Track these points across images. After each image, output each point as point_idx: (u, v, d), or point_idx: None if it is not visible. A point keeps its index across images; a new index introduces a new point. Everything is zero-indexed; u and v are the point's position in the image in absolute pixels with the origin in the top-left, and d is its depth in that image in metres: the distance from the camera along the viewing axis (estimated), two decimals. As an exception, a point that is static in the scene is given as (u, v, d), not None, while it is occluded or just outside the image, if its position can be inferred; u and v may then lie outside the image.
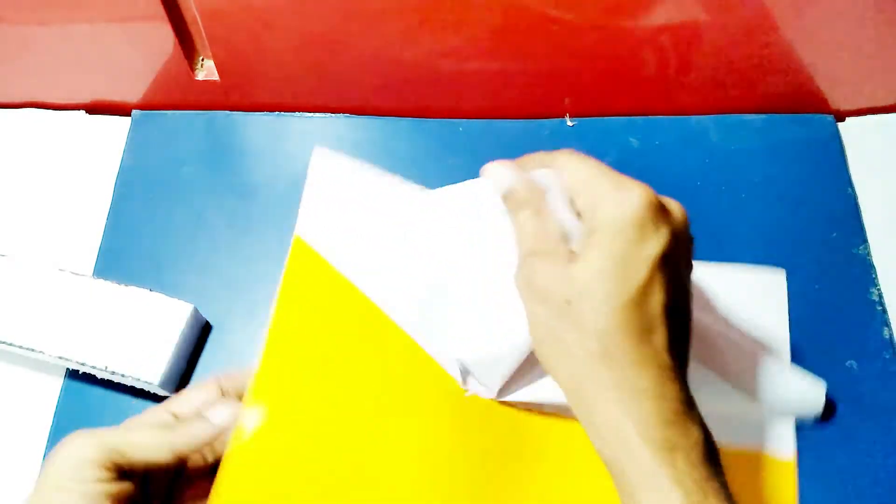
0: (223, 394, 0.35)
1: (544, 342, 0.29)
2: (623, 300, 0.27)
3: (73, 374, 0.42)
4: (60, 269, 0.42)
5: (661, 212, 0.28)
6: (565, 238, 0.29)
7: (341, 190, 0.38)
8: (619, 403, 0.26)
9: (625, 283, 0.27)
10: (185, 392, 0.35)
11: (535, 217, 0.30)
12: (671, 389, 0.27)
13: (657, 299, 0.27)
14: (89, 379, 0.41)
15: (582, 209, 0.29)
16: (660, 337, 0.27)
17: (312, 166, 0.38)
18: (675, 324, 0.28)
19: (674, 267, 0.28)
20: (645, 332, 0.27)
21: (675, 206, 0.29)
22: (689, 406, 0.27)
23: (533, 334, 0.29)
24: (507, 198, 0.31)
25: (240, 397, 0.34)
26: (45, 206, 0.49)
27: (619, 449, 0.27)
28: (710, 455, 0.27)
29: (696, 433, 0.27)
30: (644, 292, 0.27)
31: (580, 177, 0.30)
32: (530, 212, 0.30)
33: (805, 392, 0.37)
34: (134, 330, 0.40)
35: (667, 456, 0.26)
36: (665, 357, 0.27)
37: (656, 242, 0.27)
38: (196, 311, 0.42)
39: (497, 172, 0.31)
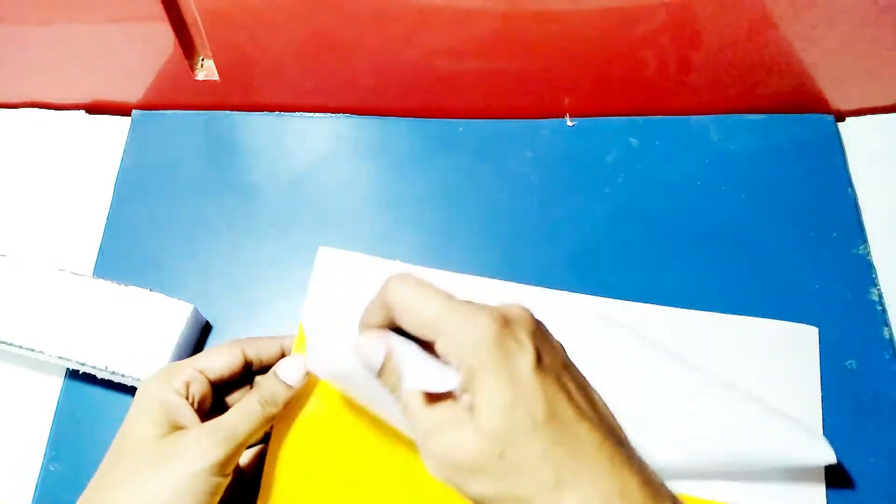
0: (246, 359, 0.36)
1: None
2: (540, 420, 0.26)
3: (73, 374, 0.42)
4: (60, 269, 0.42)
5: (508, 322, 0.27)
6: (452, 396, 0.27)
7: (343, 292, 0.39)
8: None
9: (530, 404, 0.26)
10: (209, 353, 0.35)
11: (416, 392, 0.27)
12: (635, 473, 0.26)
13: (560, 399, 0.26)
14: (89, 379, 0.41)
15: (441, 351, 0.27)
16: (586, 428, 0.26)
17: (317, 266, 0.40)
18: (582, 403, 0.27)
19: (548, 360, 0.27)
20: (576, 433, 0.26)
21: (511, 308, 0.28)
22: (650, 482, 0.26)
23: None
24: (381, 375, 0.29)
25: (259, 363, 0.36)
26: (45, 206, 0.49)
27: None
28: None
29: None
30: (548, 400, 0.26)
31: (423, 321, 0.28)
32: (408, 386, 0.27)
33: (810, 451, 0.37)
34: (134, 330, 0.40)
35: None
36: (607, 441, 0.26)
37: (525, 351, 0.27)
38: (196, 311, 0.42)
39: (366, 352, 0.29)
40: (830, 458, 0.36)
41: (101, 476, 0.32)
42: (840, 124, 0.50)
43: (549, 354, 0.28)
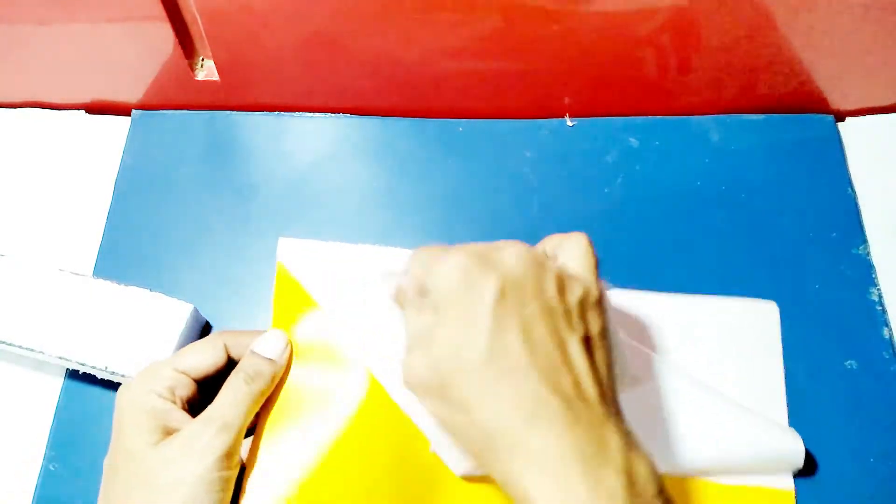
0: (228, 353, 0.35)
1: (451, 432, 0.28)
2: (481, 360, 0.26)
3: (73, 374, 0.42)
4: (60, 269, 0.42)
5: (483, 264, 0.28)
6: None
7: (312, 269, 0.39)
8: (520, 475, 0.25)
9: (474, 343, 0.26)
10: (188, 351, 0.34)
11: (415, 314, 0.29)
12: (570, 436, 0.25)
13: (514, 345, 0.26)
14: (89, 379, 0.41)
15: (426, 286, 0.29)
16: (535, 381, 0.26)
17: (280, 256, 0.39)
18: (550, 357, 0.27)
19: (518, 305, 0.27)
20: (518, 382, 0.26)
21: (504, 249, 0.29)
22: (599, 446, 0.26)
23: (443, 428, 0.29)
24: (395, 298, 0.31)
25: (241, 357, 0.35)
26: (45, 206, 0.49)
27: None
28: (635, 492, 0.25)
29: (609, 479, 0.25)
30: (496, 342, 0.26)
31: (421, 264, 0.30)
32: (411, 310, 0.30)
33: (783, 451, 0.37)
34: (134, 330, 0.40)
35: None
36: (553, 400, 0.26)
37: (485, 292, 0.27)
38: (196, 311, 0.42)
39: (389, 278, 0.32)
40: (799, 459, 0.37)
41: (106, 497, 0.31)
42: (840, 124, 0.50)
43: (518, 298, 0.27)
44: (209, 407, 0.32)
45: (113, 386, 0.41)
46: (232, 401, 0.32)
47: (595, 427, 0.26)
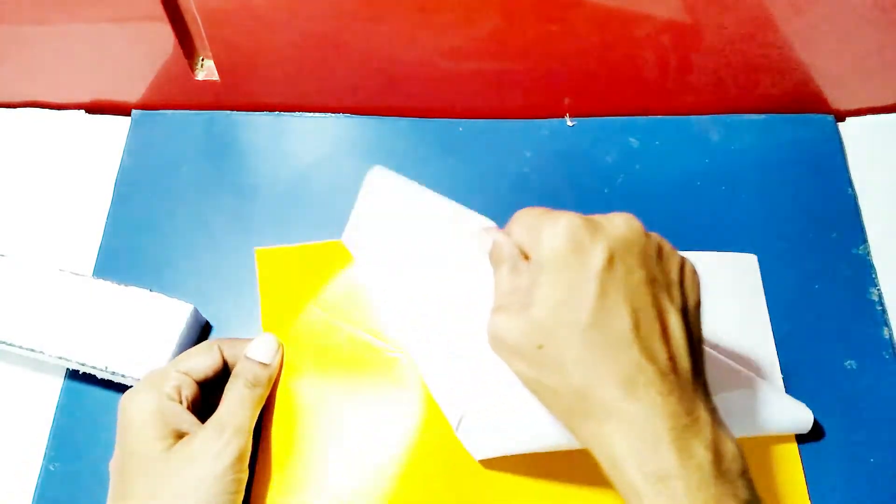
0: (224, 359, 0.36)
1: (537, 393, 0.29)
2: (583, 324, 0.26)
3: (73, 374, 0.42)
4: (60, 269, 0.42)
5: (593, 229, 0.28)
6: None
7: (386, 207, 0.40)
8: (610, 437, 0.26)
9: (579, 307, 0.27)
10: (189, 355, 0.35)
11: (510, 273, 0.29)
12: (663, 405, 0.26)
13: (619, 311, 0.27)
14: (89, 379, 0.41)
15: (527, 248, 0.29)
16: (635, 350, 0.26)
17: (366, 182, 0.41)
18: (651, 327, 0.27)
19: (625, 272, 0.27)
20: (619, 348, 0.26)
21: (613, 217, 0.29)
22: (690, 418, 0.26)
23: (528, 388, 0.29)
24: (490, 254, 0.31)
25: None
26: (45, 206, 0.49)
27: (622, 484, 0.26)
28: (721, 470, 0.26)
29: (699, 452, 0.25)
30: (601, 308, 0.27)
31: (525, 225, 0.30)
32: (507, 268, 0.30)
33: (788, 410, 0.38)
34: (134, 330, 0.40)
35: (663, 488, 0.25)
36: (650, 369, 0.26)
37: (594, 257, 0.27)
38: (196, 311, 0.42)
39: (486, 233, 0.32)
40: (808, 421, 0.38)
41: (121, 499, 0.32)
42: (840, 124, 0.50)
43: (626, 265, 0.27)
44: (218, 412, 0.33)
45: (113, 386, 0.41)
46: (239, 406, 0.33)
47: (687, 400, 0.27)
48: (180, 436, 0.32)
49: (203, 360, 0.34)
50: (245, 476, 0.32)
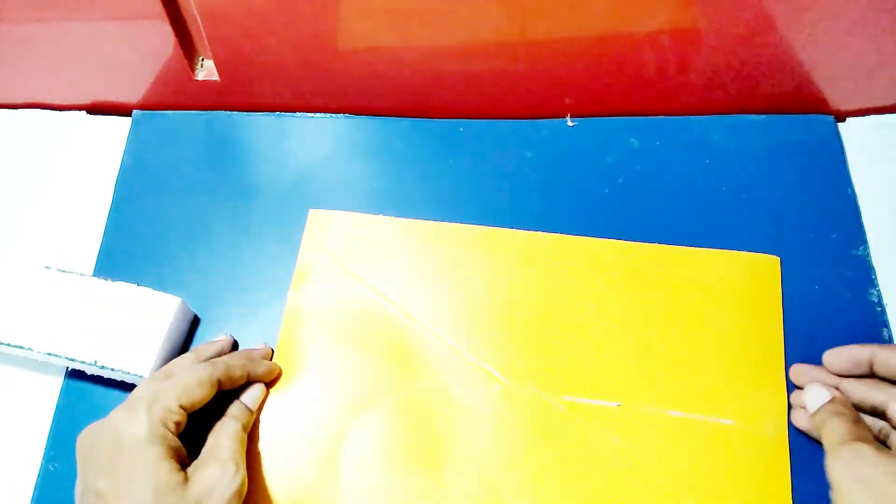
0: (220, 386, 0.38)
1: None
2: None
3: (73, 374, 0.42)
4: (46, 266, 0.42)
5: None
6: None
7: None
8: None
9: None
10: (190, 386, 0.36)
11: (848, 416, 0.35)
12: None
13: None
14: (89, 379, 0.42)
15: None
16: None
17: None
18: None
19: None
20: None
21: None
22: None
23: None
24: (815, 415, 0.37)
25: (231, 386, 0.39)
26: (45, 206, 0.49)
27: None
28: None
29: None
30: None
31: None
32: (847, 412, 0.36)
33: None
34: (123, 324, 0.41)
35: None
36: None
37: None
38: (184, 304, 0.42)
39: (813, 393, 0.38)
40: None
41: None
42: (840, 124, 0.50)
43: None
44: (220, 450, 0.35)
45: (113, 386, 0.41)
46: (239, 447, 0.36)
47: None
48: (182, 462, 0.34)
49: (204, 396, 0.36)
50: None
